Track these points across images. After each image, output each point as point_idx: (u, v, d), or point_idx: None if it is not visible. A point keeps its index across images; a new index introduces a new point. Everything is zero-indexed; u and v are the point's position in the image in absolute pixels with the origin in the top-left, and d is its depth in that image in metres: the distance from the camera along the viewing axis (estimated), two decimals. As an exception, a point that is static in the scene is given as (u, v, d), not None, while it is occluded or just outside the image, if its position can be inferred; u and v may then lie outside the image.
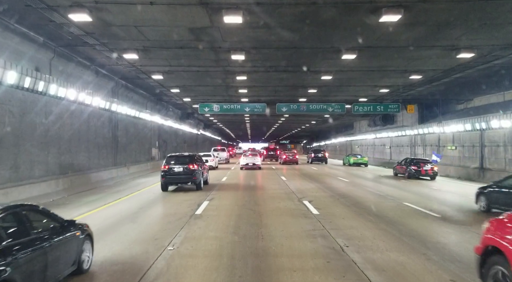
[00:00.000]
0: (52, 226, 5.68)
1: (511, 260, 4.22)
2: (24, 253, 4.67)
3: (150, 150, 31.14)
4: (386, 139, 40.36)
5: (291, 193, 16.11)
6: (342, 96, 29.76)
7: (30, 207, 5.55)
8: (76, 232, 6.10)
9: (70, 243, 5.83)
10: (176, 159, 17.88)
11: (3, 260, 4.28)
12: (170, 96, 29.98)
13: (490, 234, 4.81)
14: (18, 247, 4.65)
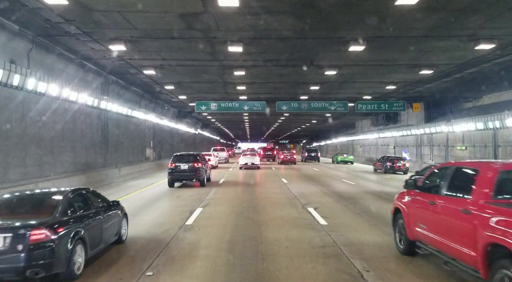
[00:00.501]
0: (103, 205, 7.53)
1: (404, 215, 7.26)
2: (89, 221, 6.56)
3: (144, 150, 29.70)
4: (390, 139, 38.99)
5: (294, 198, 14.70)
6: (345, 93, 28.36)
7: (88, 190, 7.54)
8: (118, 211, 7.99)
9: (114, 218, 7.70)
10: (182, 157, 19.55)
11: (80, 224, 6.19)
12: (165, 94, 28.54)
13: (396, 201, 7.78)
14: (86, 216, 6.57)
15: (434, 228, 6.15)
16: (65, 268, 5.71)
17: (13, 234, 5.38)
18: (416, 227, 6.75)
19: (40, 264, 5.38)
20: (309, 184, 20.09)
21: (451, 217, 5.73)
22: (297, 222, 10.21)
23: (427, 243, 6.44)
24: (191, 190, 17.52)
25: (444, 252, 5.91)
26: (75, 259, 5.90)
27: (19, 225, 5.53)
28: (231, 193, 16.74)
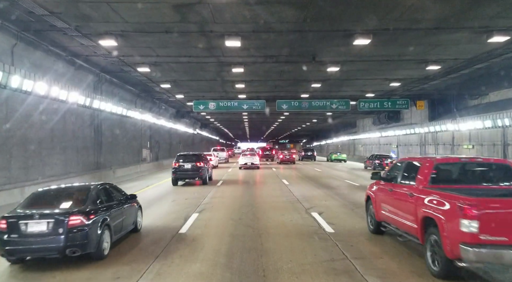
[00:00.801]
0: (123, 197, 8.62)
1: (372, 201, 8.76)
2: (113, 211, 7.69)
3: (140, 151, 28.84)
4: (393, 138, 38.14)
5: (296, 202, 13.83)
6: (347, 91, 27.51)
7: (111, 185, 8.59)
8: (135, 203, 9.09)
9: (132, 209, 8.83)
10: (185, 157, 20.36)
11: (106, 212, 7.36)
12: (161, 93, 27.67)
13: (368, 190, 9.31)
14: (111, 206, 7.70)
15: (392, 210, 7.79)
16: (96, 249, 6.91)
17: (55, 219, 6.59)
18: (381, 210, 8.39)
19: (76, 244, 6.60)
20: (311, 186, 19.23)
21: (402, 200, 7.33)
22: (301, 229, 9.34)
23: (389, 223, 8.08)
24: (187, 193, 16.71)
25: (399, 228, 7.57)
26: (103, 241, 7.12)
27: (59, 212, 6.80)
28: (229, 196, 15.89)
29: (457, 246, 5.43)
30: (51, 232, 6.54)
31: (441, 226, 5.83)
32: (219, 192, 17.18)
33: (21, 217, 6.68)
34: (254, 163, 34.37)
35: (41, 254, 6.73)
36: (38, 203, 7.20)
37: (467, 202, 5.39)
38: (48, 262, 6.91)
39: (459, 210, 5.45)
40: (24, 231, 6.55)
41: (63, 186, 8.39)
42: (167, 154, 38.28)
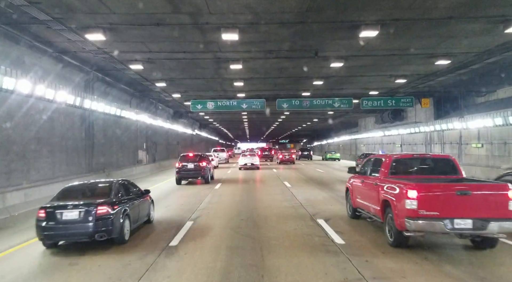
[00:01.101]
0: (139, 192, 9.97)
1: (350, 191, 10.66)
2: (132, 203, 9.00)
3: (136, 152, 27.83)
4: (396, 137, 37.14)
5: (300, 207, 12.83)
6: (350, 89, 26.53)
7: (128, 181, 10.05)
8: (148, 197, 10.45)
9: (146, 203, 10.27)
10: (188, 157, 21.29)
11: (126, 204, 8.63)
12: (157, 92, 26.67)
13: (347, 183, 11.17)
14: (129, 199, 9.01)
15: (363, 197, 9.59)
16: (119, 234, 8.07)
17: (85, 209, 7.73)
18: (356, 199, 10.22)
19: (103, 230, 7.73)
20: (315, 189, 18.21)
21: (370, 188, 9.03)
22: (307, 240, 8.34)
23: (362, 210, 9.90)
24: (182, 197, 15.95)
25: (368, 212, 9.27)
26: (124, 228, 8.29)
27: (89, 203, 7.89)
28: (228, 200, 14.89)
29: (403, 220, 7.24)
30: (82, 219, 7.75)
31: (393, 206, 7.66)
32: (217, 195, 16.18)
33: (57, 207, 7.87)
34: (254, 164, 33.55)
35: (74, 239, 8.04)
36: (69, 196, 8.42)
37: (409, 187, 7.26)
38: (78, 246, 8.17)
39: (404, 192, 7.29)
40: (59, 219, 7.75)
41: (88, 181, 9.97)
42: (165, 155, 37.31)
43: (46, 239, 7.90)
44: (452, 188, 7.36)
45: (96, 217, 7.74)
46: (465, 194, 7.17)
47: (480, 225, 7.02)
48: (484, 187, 7.63)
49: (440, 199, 7.21)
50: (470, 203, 7.17)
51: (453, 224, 7.06)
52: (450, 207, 7.15)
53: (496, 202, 7.18)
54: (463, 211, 7.11)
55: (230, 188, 19.01)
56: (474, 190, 7.30)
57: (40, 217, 7.78)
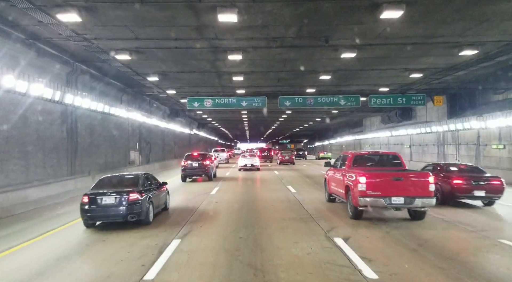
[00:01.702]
0: (158, 183, 11.92)
1: (327, 181, 14.03)
2: (154, 192, 10.93)
3: (127, 153, 25.88)
4: (405, 138, 35.19)
5: (310, 219, 10.84)
6: (358, 85, 24.58)
7: (150, 174, 11.99)
8: (165, 187, 12.43)
9: (164, 192, 12.27)
10: (193, 156, 22.99)
11: (150, 193, 10.58)
12: (150, 88, 24.71)
13: (325, 174, 14.45)
14: (152, 189, 10.97)
15: (335, 185, 12.87)
16: (146, 217, 10.20)
17: (120, 195, 9.81)
18: (330, 186, 13.52)
19: (134, 213, 9.84)
20: (324, 195, 16.24)
21: (339, 177, 12.33)
22: (326, 271, 6.32)
23: (334, 194, 13.23)
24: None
25: (338, 195, 12.63)
26: (150, 212, 10.46)
27: (123, 191, 9.94)
28: (225, 208, 12.93)
29: (357, 198, 10.26)
30: (117, 204, 9.66)
31: (351, 188, 10.67)
32: (212, 203, 14.20)
33: (97, 194, 9.78)
34: (254, 165, 31.77)
35: (110, 219, 9.96)
36: (104, 186, 10.35)
37: (360, 174, 10.30)
38: (112, 226, 10.04)
39: (357, 179, 10.31)
40: (99, 203, 9.64)
41: (119, 174, 12.06)
42: (160, 156, 35.35)
43: (88, 219, 9.93)
44: (389, 176, 10.37)
45: (128, 202, 9.70)
46: (398, 180, 10.21)
47: (409, 201, 10.02)
48: (413, 175, 10.57)
49: (381, 183, 10.20)
50: (403, 186, 10.08)
51: (390, 200, 10.05)
52: (388, 188, 10.10)
53: (420, 185, 10.11)
54: (397, 191, 10.03)
55: (226, 197, 17.09)
56: (405, 177, 10.31)
57: (83, 202, 9.75)
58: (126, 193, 9.81)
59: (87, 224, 10.10)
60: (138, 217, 9.90)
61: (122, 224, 10.07)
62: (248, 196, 16.28)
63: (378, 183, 10.19)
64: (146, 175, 11.45)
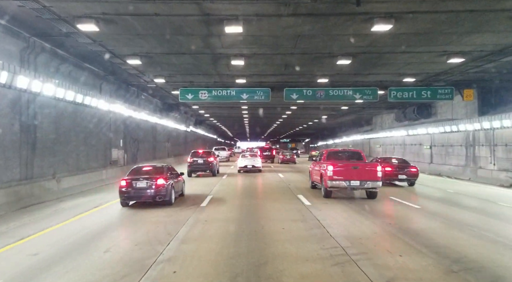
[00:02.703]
0: (176, 173, 14.27)
1: (310, 172, 18.32)
2: (174, 179, 13.46)
3: (108, 151, 22.25)
4: (424, 137, 31.53)
5: (341, 253, 7.16)
6: (378, 74, 20.96)
7: (170, 166, 14.61)
8: (181, 177, 14.72)
9: (181, 181, 14.66)
10: (198, 154, 24.94)
11: (172, 180, 13.18)
12: (135, 76, 21.08)
13: (309, 167, 19.02)
14: (173, 177, 13.52)
15: (316, 174, 16.40)
16: (169, 198, 12.75)
17: (150, 180, 12.42)
18: (313, 176, 17.28)
19: (161, 194, 12.40)
20: (348, 208, 12.66)
21: (317, 168, 16.22)
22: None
23: (315, 182, 16.78)
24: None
25: (317, 182, 16.33)
26: (172, 195, 12.96)
27: (152, 177, 12.56)
28: (218, 232, 9.31)
29: (327, 182, 14.12)
30: (148, 187, 12.44)
31: (324, 175, 14.56)
32: (200, 221, 10.51)
33: (132, 179, 12.58)
34: (256, 166, 28.26)
35: (142, 199, 12.73)
36: (136, 173, 13.17)
37: (329, 164, 14.22)
38: (142, 206, 12.89)
39: (327, 167, 14.16)
40: (134, 186, 12.46)
41: (147, 164, 14.82)
42: (151, 154, 31.75)
43: (125, 199, 12.72)
44: (350, 165, 14.35)
45: (156, 186, 12.41)
46: (356, 168, 14.12)
47: (363, 183, 13.97)
48: (366, 165, 14.68)
49: (344, 171, 14.12)
50: (359, 173, 14.01)
51: (350, 183, 13.99)
52: (348, 174, 14.01)
53: (371, 172, 14.06)
54: (355, 177, 13.96)
55: (221, 211, 13.61)
56: (361, 166, 14.29)
57: (122, 185, 12.51)
58: (155, 179, 12.45)
59: (123, 203, 12.83)
60: (164, 198, 12.54)
61: (150, 204, 12.81)
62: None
63: (341, 170, 14.08)
64: (168, 166, 14.19)
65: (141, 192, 12.39)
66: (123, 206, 12.77)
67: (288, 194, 16.30)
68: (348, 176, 13.90)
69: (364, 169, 14.09)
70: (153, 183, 12.35)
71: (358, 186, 13.96)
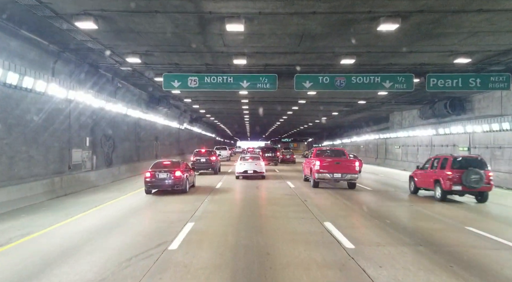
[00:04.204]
0: (189, 168, 17.85)
1: (303, 167, 23.13)
2: (188, 172, 16.98)
3: (67, 152, 17.12)
4: (460, 137, 26.39)
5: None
6: (422, 54, 15.96)
7: (185, 161, 19.93)
8: (192, 171, 18.34)
9: (193, 175, 18.20)
10: (201, 153, 27.18)
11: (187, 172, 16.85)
12: (98, 52, 15.92)
13: (303, 163, 23.83)
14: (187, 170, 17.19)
15: (307, 168, 20.42)
16: (184, 187, 15.87)
17: (170, 172, 15.54)
18: (305, 170, 21.48)
19: (178, 184, 15.47)
20: (412, 251, 7.82)
21: (308, 164, 20.19)
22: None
23: (306, 175, 20.99)
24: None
25: (307, 175, 20.42)
26: (186, 185, 16.11)
27: (171, 170, 15.63)
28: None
29: (315, 174, 18.05)
30: (168, 178, 15.39)
31: (312, 169, 18.34)
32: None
33: (156, 171, 15.59)
34: (258, 171, 23.07)
35: (163, 188, 15.70)
36: (157, 166, 16.12)
37: (317, 160, 18.23)
38: (162, 193, 15.85)
39: (315, 162, 18.13)
40: (157, 177, 15.41)
41: (166, 160, 18.22)
42: (133, 155, 26.67)
43: (150, 188, 15.72)
44: (333, 161, 17.99)
45: (175, 177, 15.40)
46: (338, 163, 17.84)
47: (344, 176, 17.62)
48: (347, 160, 18.37)
49: (328, 165, 17.81)
50: (340, 167, 17.73)
51: (333, 175, 17.67)
52: (332, 168, 17.70)
53: (350, 166, 17.85)
54: (337, 170, 17.66)
55: (208, 241, 8.53)
56: (342, 162, 18.05)
57: (146, 176, 15.46)
58: (173, 171, 15.54)
59: (147, 191, 15.87)
60: (180, 187, 15.62)
61: (169, 192, 15.92)
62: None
63: (326, 165, 17.92)
64: (183, 161, 17.55)
65: (162, 181, 15.43)
66: (147, 193, 15.82)
67: (309, 222, 10.75)
68: (332, 169, 17.73)
69: (345, 164, 17.99)
70: (172, 174, 15.40)
71: (340, 177, 17.78)
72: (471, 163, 14.34)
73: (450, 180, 13.92)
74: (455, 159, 14.50)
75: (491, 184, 14.02)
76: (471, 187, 13.67)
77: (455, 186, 13.83)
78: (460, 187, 13.78)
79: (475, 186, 13.64)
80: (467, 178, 13.63)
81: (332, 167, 17.63)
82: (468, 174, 13.67)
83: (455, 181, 13.81)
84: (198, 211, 11.95)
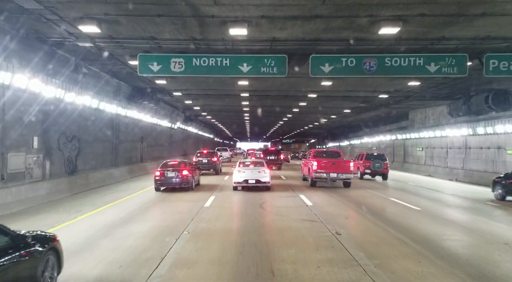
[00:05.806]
0: (195, 167, 20.50)
1: (301, 167, 24.18)
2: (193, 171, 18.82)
3: (2, 156, 12.40)
4: (506, 138, 21.72)
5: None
6: (479, 28, 11.40)
7: (190, 161, 22.53)
8: (199, 171, 20.77)
9: (198, 174, 20.02)
10: (203, 154, 28.80)
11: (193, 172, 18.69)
12: (34, 13, 11.31)
13: (301, 164, 25.07)
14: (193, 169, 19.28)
15: (305, 168, 21.91)
16: (191, 185, 17.63)
17: (177, 172, 17.30)
18: (303, 170, 22.45)
19: (185, 182, 17.36)
20: None
21: (306, 164, 21.93)
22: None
23: (305, 174, 22.01)
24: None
25: (306, 174, 21.55)
26: (193, 183, 17.99)
27: (179, 169, 17.52)
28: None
29: (312, 174, 19.44)
30: (175, 176, 17.01)
31: (310, 168, 19.74)
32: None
33: (164, 170, 17.27)
34: (262, 181, 17.64)
35: (171, 186, 17.23)
36: (166, 166, 17.73)
37: (314, 160, 19.61)
38: (171, 191, 17.19)
39: (313, 162, 19.43)
40: (166, 176, 17.05)
41: (173, 160, 20.27)
42: (108, 158, 21.96)
43: (159, 185, 17.26)
44: (329, 161, 19.32)
45: (182, 176, 17.05)
46: (334, 164, 19.17)
47: (339, 175, 18.94)
48: (342, 161, 19.85)
49: (325, 165, 19.03)
50: (336, 167, 19.03)
51: (329, 175, 18.86)
52: (328, 168, 18.91)
53: (345, 166, 19.29)
54: (333, 170, 18.91)
55: None
56: (338, 162, 19.43)
57: (156, 175, 17.10)
58: (180, 170, 17.30)
59: (157, 189, 17.38)
60: (187, 185, 17.27)
61: (176, 189, 17.34)
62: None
63: (323, 165, 19.15)
64: (189, 161, 19.96)
65: (171, 180, 17.17)
66: (157, 191, 17.39)
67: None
68: (328, 169, 19.14)
69: (341, 164, 19.58)
70: (180, 173, 17.20)
71: (335, 177, 19.16)
72: (377, 157, 25.46)
73: (364, 166, 24.83)
74: (367, 154, 25.63)
75: (387, 169, 24.82)
76: (376, 171, 24.70)
77: (367, 170, 24.78)
78: (370, 170, 24.72)
79: (378, 170, 24.68)
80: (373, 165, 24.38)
81: (328, 167, 19.10)
82: (373, 163, 24.63)
83: (367, 166, 24.65)
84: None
